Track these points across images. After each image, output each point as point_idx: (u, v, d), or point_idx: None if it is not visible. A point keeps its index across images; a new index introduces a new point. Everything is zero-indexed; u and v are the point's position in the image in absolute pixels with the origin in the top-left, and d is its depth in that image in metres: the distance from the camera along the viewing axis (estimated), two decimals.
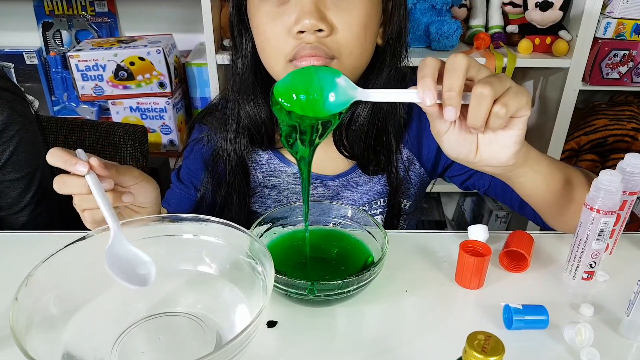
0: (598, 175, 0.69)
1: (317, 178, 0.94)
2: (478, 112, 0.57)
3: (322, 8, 0.74)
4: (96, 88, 1.74)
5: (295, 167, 0.94)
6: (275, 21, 0.76)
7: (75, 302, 0.63)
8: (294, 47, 0.76)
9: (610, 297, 0.74)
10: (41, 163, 1.03)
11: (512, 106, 0.58)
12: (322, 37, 0.74)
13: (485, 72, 0.59)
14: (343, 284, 0.65)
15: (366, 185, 0.94)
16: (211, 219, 0.68)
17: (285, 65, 0.78)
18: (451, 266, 0.78)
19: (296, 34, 0.74)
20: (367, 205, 0.95)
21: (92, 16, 1.88)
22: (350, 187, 0.95)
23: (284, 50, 0.77)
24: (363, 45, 0.78)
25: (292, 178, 0.94)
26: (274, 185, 0.95)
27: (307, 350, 0.65)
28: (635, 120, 1.85)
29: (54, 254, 0.61)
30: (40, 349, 0.54)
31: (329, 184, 0.94)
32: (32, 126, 1.04)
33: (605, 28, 1.65)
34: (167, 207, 1.00)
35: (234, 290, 0.68)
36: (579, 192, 0.78)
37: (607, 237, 0.71)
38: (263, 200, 0.97)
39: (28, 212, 1.02)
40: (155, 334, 0.64)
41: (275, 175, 0.95)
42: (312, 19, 0.72)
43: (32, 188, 1.02)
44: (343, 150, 0.89)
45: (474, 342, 0.43)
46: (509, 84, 0.59)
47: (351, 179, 0.94)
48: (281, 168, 0.94)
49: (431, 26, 1.69)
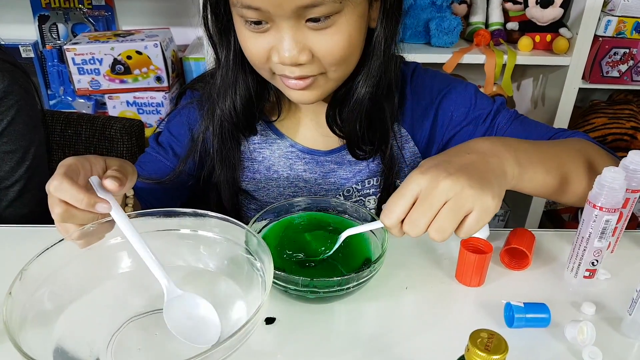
0: (601, 173, 0.68)
1: (309, 153, 0.93)
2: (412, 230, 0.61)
3: (301, 38, 0.70)
4: (93, 82, 1.73)
5: (288, 140, 0.92)
6: (256, 43, 0.73)
7: (70, 297, 0.62)
8: (275, 66, 0.74)
9: (612, 295, 0.73)
10: (37, 138, 1.02)
11: (447, 228, 0.59)
12: (304, 64, 0.73)
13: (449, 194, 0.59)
14: (342, 281, 0.64)
15: (360, 163, 0.93)
16: (209, 214, 0.67)
17: (272, 77, 0.78)
18: (452, 263, 0.77)
19: (275, 62, 0.73)
20: (360, 184, 0.94)
21: (89, 9, 1.87)
22: (343, 165, 0.93)
23: (268, 67, 0.76)
24: (348, 59, 0.76)
25: (284, 151, 0.93)
26: (264, 158, 0.94)
27: (306, 347, 0.64)
28: (634, 119, 1.85)
29: (48, 248, 0.60)
30: (34, 345, 0.53)
31: (321, 160, 0.93)
32: (31, 99, 1.03)
33: (605, 26, 1.65)
34: (140, 170, 0.94)
35: (232, 287, 0.67)
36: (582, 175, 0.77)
37: (610, 235, 0.70)
38: (252, 176, 0.95)
39: (18, 188, 0.99)
40: (152, 330, 0.63)
41: (267, 146, 0.93)
42: (291, 52, 0.70)
43: (25, 162, 1.00)
44: (335, 128, 0.87)
45: (477, 340, 0.43)
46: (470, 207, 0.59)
47: (344, 156, 0.93)
48: (273, 140, 0.93)
49: (431, 22, 1.69)
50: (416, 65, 0.95)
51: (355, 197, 0.94)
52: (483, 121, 0.90)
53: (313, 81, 0.75)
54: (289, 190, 0.94)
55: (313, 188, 0.94)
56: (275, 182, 0.94)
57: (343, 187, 0.94)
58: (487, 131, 0.90)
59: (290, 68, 0.73)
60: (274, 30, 0.71)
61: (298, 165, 0.93)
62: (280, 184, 0.94)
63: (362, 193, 0.94)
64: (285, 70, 0.74)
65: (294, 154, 0.93)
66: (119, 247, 0.67)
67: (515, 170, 0.67)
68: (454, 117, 0.91)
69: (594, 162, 0.78)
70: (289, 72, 0.74)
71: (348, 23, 0.72)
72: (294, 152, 0.93)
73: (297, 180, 0.93)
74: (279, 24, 0.70)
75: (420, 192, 0.60)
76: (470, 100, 0.92)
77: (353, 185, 0.94)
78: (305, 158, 0.93)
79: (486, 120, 0.90)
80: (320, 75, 0.76)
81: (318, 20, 0.69)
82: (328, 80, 0.77)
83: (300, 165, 0.93)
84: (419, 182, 0.60)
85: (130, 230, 0.62)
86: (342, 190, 0.94)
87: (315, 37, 0.71)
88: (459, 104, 0.92)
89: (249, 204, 0.98)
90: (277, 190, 0.94)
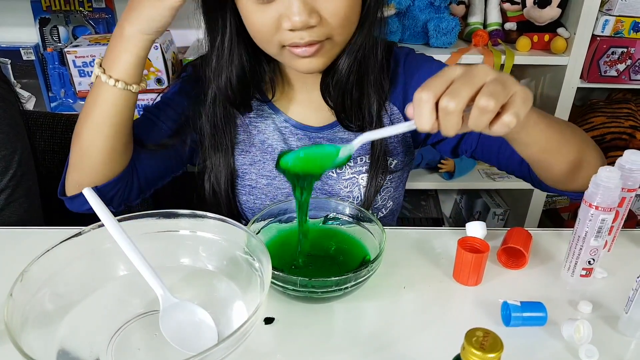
0: (597, 172, 0.69)
1: (302, 128, 0.94)
2: (479, 122, 0.57)
3: (309, 1, 0.73)
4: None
5: (282, 115, 0.94)
6: (263, 16, 0.75)
7: (71, 298, 0.63)
8: (285, 36, 0.75)
9: (608, 294, 0.73)
10: (20, 146, 1.00)
11: (521, 115, 0.57)
12: (313, 28, 0.74)
13: (490, 75, 0.57)
14: (341, 281, 0.65)
15: (352, 140, 0.92)
16: (208, 215, 0.68)
17: (280, 50, 0.79)
18: (449, 263, 0.78)
19: (286, 29, 0.74)
20: (352, 160, 0.94)
21: (90, 12, 1.87)
22: (335, 142, 0.94)
23: (276, 40, 0.77)
24: (352, 20, 0.79)
25: (278, 125, 0.94)
26: (259, 131, 0.94)
27: (305, 347, 0.65)
28: (633, 117, 1.85)
29: (49, 250, 0.61)
30: (35, 346, 0.54)
31: (313, 136, 0.94)
32: (11, 108, 1.01)
33: (603, 25, 1.65)
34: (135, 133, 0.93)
35: (231, 287, 0.67)
36: (577, 148, 0.78)
37: (606, 234, 0.70)
38: (247, 149, 0.95)
39: (4, 197, 0.98)
40: (152, 331, 0.63)
41: (262, 120, 0.94)
42: (302, 16, 0.72)
43: (9, 171, 0.98)
44: (328, 98, 0.88)
45: (473, 338, 0.43)
46: (514, 89, 0.57)
47: (336, 133, 0.94)
48: (268, 115, 0.94)
49: (429, 23, 1.69)
50: (410, 50, 0.97)
51: (348, 174, 0.94)
52: None
53: (321, 47, 0.77)
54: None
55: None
56: (270, 156, 0.95)
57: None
58: None
59: (301, 33, 0.74)
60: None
61: (291, 141, 0.94)
62: (274, 158, 0.94)
63: (354, 170, 0.94)
64: (295, 38, 0.75)
65: (287, 129, 0.94)
66: (119, 249, 0.68)
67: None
68: None
69: (587, 141, 0.82)
70: (299, 39, 0.75)
71: None
72: (287, 127, 0.94)
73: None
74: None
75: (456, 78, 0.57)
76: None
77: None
78: (298, 134, 0.94)
79: None
80: (326, 40, 0.77)
81: None
82: (334, 45, 0.79)
83: (293, 141, 0.94)
84: (454, 69, 0.57)
85: (125, 241, 0.63)
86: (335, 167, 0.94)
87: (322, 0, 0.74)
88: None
89: (242, 188, 0.97)
90: (271, 164, 0.95)
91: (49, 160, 1.23)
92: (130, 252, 0.63)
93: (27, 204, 1.02)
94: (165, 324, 0.61)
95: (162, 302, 0.62)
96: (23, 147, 1.02)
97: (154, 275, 0.63)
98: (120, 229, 0.63)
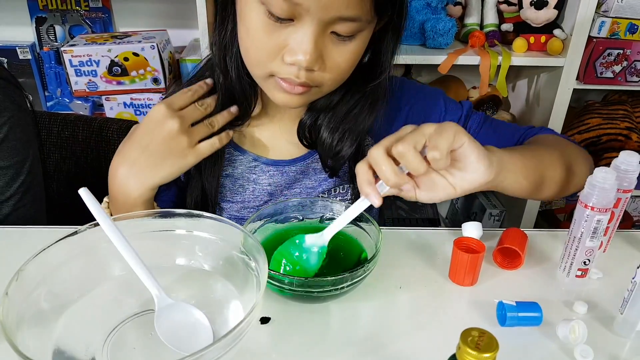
0: (592, 173, 0.69)
1: (273, 164, 0.91)
2: (410, 164, 0.62)
3: (321, 46, 0.69)
4: (90, 83, 1.73)
5: (250, 155, 0.91)
6: (270, 36, 0.70)
7: (67, 297, 0.63)
8: (280, 67, 0.72)
9: (604, 294, 0.74)
10: (31, 153, 1.01)
11: (442, 145, 0.61)
12: (310, 72, 0.72)
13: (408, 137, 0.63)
14: (336, 281, 0.65)
15: (324, 172, 0.91)
16: (204, 214, 0.68)
17: (265, 78, 0.75)
18: (445, 263, 0.78)
19: (287, 62, 0.71)
20: (327, 192, 0.93)
21: (86, 11, 1.87)
22: (309, 174, 0.92)
23: (268, 65, 0.73)
24: (346, 75, 0.77)
25: (246, 166, 0.91)
26: (227, 174, 0.91)
27: (301, 346, 0.65)
28: (628, 119, 1.86)
29: (45, 249, 0.61)
30: (31, 345, 0.54)
31: (286, 170, 0.91)
32: (24, 115, 1.02)
33: (599, 27, 1.66)
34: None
35: (227, 286, 0.67)
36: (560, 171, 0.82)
37: (601, 235, 0.71)
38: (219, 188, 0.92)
39: (13, 203, 0.99)
40: (147, 330, 0.63)
41: (229, 164, 0.91)
42: (308, 58, 0.68)
43: (19, 178, 0.99)
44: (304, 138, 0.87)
45: (468, 338, 0.43)
46: (429, 129, 0.63)
47: (309, 164, 0.92)
48: (235, 157, 0.91)
49: (426, 24, 1.69)
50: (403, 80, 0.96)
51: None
52: None
53: (308, 90, 0.75)
54: (255, 202, 0.92)
55: (279, 199, 0.92)
56: (241, 196, 0.92)
57: (310, 197, 0.92)
58: None
59: (299, 73, 0.71)
60: (297, 28, 0.68)
61: (262, 179, 0.91)
62: (246, 198, 0.92)
63: (340, 199, 0.93)
64: (291, 74, 0.71)
65: (257, 167, 0.91)
66: (115, 248, 0.67)
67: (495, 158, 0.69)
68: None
69: (573, 166, 0.85)
70: (295, 77, 0.71)
71: (362, 42, 0.73)
72: (258, 166, 0.91)
73: (262, 194, 0.92)
74: (306, 24, 0.67)
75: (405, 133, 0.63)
76: (441, 108, 0.93)
77: (319, 194, 0.93)
78: (270, 170, 0.91)
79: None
80: (314, 87, 0.75)
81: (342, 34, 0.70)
82: (319, 92, 0.78)
83: (264, 179, 0.91)
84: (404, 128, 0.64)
85: (120, 241, 0.63)
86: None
87: (333, 48, 0.71)
88: (431, 110, 0.93)
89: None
90: (241, 204, 0.93)
91: (45, 160, 1.23)
92: (126, 252, 0.63)
93: (33, 210, 1.03)
94: (160, 325, 0.61)
95: (157, 303, 0.62)
96: (34, 154, 1.04)
97: (149, 275, 0.63)
98: (115, 229, 0.63)
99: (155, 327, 0.61)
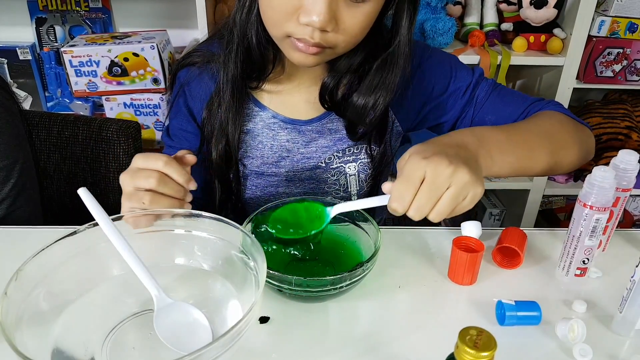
0: (591, 172, 0.69)
1: (291, 123, 0.94)
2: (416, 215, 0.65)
3: (334, 7, 0.72)
4: (90, 84, 1.73)
5: (269, 111, 0.93)
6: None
7: (66, 297, 0.63)
8: (295, 28, 0.74)
9: (603, 293, 0.74)
10: (21, 156, 1.01)
11: (446, 212, 0.64)
12: (326, 33, 0.74)
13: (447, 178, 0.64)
14: (335, 280, 0.65)
15: (340, 132, 0.94)
16: (203, 214, 0.68)
17: (282, 38, 0.78)
18: (444, 262, 0.78)
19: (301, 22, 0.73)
20: (341, 152, 0.95)
21: (86, 12, 1.87)
22: (324, 134, 0.94)
23: (284, 25, 0.75)
24: (360, 38, 0.79)
25: (266, 122, 0.94)
26: (248, 130, 0.94)
27: (300, 346, 0.65)
28: (628, 118, 1.86)
29: (44, 249, 0.61)
30: (30, 345, 0.54)
31: (303, 129, 0.94)
32: (13, 118, 1.02)
33: (599, 26, 1.66)
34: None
35: (226, 286, 0.67)
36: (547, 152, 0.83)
37: (600, 234, 0.71)
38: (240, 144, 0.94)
39: (6, 206, 0.98)
40: (146, 330, 0.63)
41: (249, 120, 0.94)
42: (321, 19, 0.70)
43: (9, 181, 0.99)
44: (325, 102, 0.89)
45: (466, 337, 0.43)
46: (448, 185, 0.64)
47: (325, 124, 0.94)
48: (256, 113, 0.93)
49: (426, 23, 1.69)
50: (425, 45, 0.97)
51: (336, 164, 0.95)
52: (463, 94, 0.94)
53: (322, 51, 0.77)
54: (272, 158, 0.95)
55: (295, 157, 0.95)
56: (260, 152, 0.94)
57: (325, 155, 0.95)
58: (467, 104, 0.94)
59: (314, 33, 0.73)
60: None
61: (281, 135, 0.94)
62: (265, 154, 0.94)
63: (342, 160, 0.95)
64: (306, 34, 0.74)
65: (276, 124, 0.94)
66: (114, 248, 0.68)
67: (488, 161, 0.73)
68: (435, 90, 0.94)
69: (560, 144, 0.85)
70: (310, 37, 0.74)
71: (376, 4, 0.75)
72: (276, 123, 0.94)
73: (280, 150, 0.94)
74: None
75: (424, 177, 0.64)
76: (451, 72, 0.95)
77: (334, 153, 0.95)
78: (288, 128, 0.94)
79: (466, 93, 0.94)
80: (328, 48, 0.77)
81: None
82: (332, 54, 0.79)
83: (283, 135, 0.94)
84: (424, 168, 0.64)
85: (120, 241, 0.63)
86: (324, 158, 0.95)
87: (346, 10, 0.73)
88: (439, 75, 0.94)
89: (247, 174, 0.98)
90: (260, 160, 0.95)
91: (45, 161, 1.23)
92: (125, 252, 0.63)
93: (28, 212, 1.02)
94: (159, 324, 0.61)
95: (156, 303, 0.62)
96: (25, 156, 1.03)
97: (148, 275, 0.63)
98: (114, 229, 0.63)
99: (155, 326, 0.61)
